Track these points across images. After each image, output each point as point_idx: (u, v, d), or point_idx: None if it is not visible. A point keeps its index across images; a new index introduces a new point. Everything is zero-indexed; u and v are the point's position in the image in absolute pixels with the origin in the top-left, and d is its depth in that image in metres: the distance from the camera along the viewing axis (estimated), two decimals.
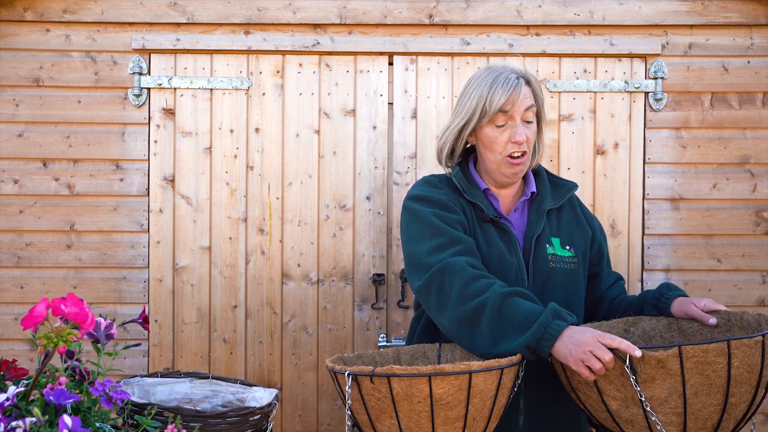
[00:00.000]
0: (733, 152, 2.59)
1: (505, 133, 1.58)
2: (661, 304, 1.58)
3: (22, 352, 2.53)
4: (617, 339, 1.27)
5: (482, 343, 1.42)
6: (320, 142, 2.59)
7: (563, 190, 1.70)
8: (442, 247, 1.51)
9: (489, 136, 1.60)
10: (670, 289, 1.60)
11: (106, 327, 1.26)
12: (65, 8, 2.56)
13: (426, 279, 1.49)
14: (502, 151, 1.59)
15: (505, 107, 1.56)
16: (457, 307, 1.44)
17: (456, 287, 1.45)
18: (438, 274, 1.48)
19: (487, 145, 1.61)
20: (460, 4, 2.57)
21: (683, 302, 1.55)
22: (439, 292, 1.48)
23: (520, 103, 1.57)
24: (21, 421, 0.97)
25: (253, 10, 2.57)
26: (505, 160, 1.59)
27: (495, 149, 1.60)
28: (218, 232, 2.57)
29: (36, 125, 2.57)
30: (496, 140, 1.59)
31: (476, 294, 1.42)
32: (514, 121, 1.58)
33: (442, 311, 1.48)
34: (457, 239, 1.52)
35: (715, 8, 2.58)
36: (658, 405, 1.25)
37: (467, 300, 1.43)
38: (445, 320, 1.48)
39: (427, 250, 1.52)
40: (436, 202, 1.59)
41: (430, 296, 1.50)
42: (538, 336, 1.34)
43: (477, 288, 1.43)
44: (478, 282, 1.43)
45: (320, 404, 2.58)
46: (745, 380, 1.24)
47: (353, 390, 1.33)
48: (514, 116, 1.58)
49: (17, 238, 2.56)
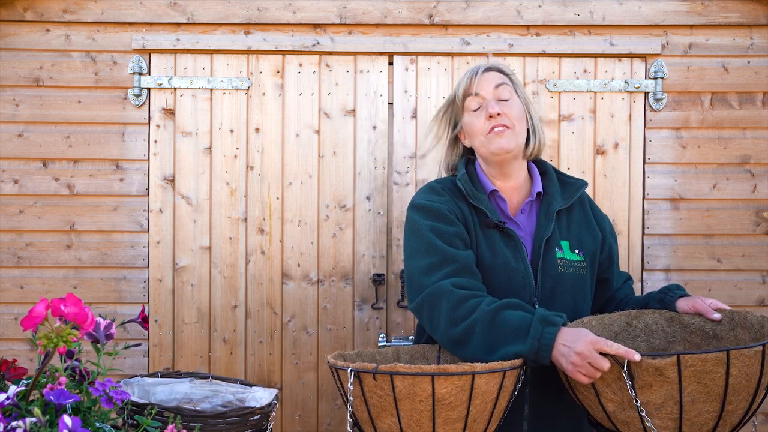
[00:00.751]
0: (733, 152, 2.59)
1: (481, 115, 1.61)
2: (666, 298, 1.58)
3: (22, 352, 2.53)
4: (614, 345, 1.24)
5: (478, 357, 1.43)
6: (320, 142, 2.59)
7: (572, 189, 1.67)
8: (435, 267, 1.51)
9: (468, 123, 1.64)
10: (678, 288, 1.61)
11: (105, 327, 1.25)
12: (65, 8, 2.55)
13: (418, 302, 1.52)
14: (483, 131, 1.60)
15: (469, 90, 1.62)
16: (448, 330, 1.46)
17: (444, 310, 1.46)
18: (428, 297, 1.50)
19: (470, 133, 1.64)
20: (460, 4, 2.57)
21: (689, 298, 1.55)
22: (430, 315, 1.50)
23: (484, 82, 1.61)
24: (21, 421, 0.97)
25: (253, 10, 2.56)
26: (487, 137, 1.60)
27: (476, 132, 1.62)
28: (218, 232, 2.57)
29: (36, 125, 2.57)
30: (474, 123, 1.62)
31: (465, 316, 1.43)
32: (487, 100, 1.60)
33: (435, 333, 1.52)
34: (450, 258, 1.51)
35: (715, 8, 2.58)
36: (654, 410, 1.25)
37: (457, 323, 1.44)
38: (440, 340, 1.52)
39: (421, 269, 1.53)
40: (435, 213, 1.58)
41: (423, 319, 1.53)
42: (534, 350, 1.34)
43: (465, 310, 1.44)
44: (466, 303, 1.44)
45: (320, 404, 2.58)
46: (742, 388, 1.23)
47: (355, 387, 1.33)
48: (484, 95, 1.61)
49: (17, 238, 2.56)
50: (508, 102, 1.60)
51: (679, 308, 1.55)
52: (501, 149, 1.58)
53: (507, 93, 1.61)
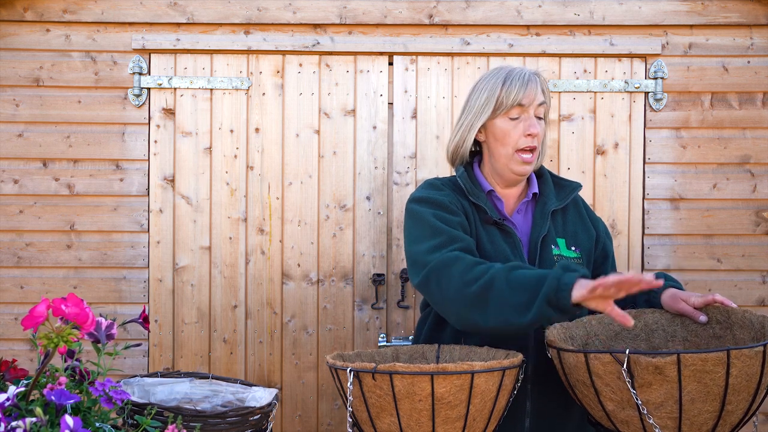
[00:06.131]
0: (733, 152, 2.59)
1: (518, 126, 1.58)
2: (651, 298, 1.58)
3: (22, 352, 2.53)
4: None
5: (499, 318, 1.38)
6: (320, 142, 2.59)
7: (567, 191, 1.69)
8: (441, 245, 1.51)
9: (502, 128, 1.59)
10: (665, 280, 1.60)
11: (106, 327, 1.25)
12: (65, 8, 2.55)
13: (424, 274, 1.49)
14: (515, 145, 1.58)
15: (522, 100, 1.57)
16: (462, 291, 1.42)
17: (456, 274, 1.44)
18: (436, 267, 1.47)
19: (499, 138, 1.60)
20: (460, 4, 2.57)
21: (673, 298, 1.54)
22: (439, 283, 1.47)
23: (536, 97, 1.58)
24: (21, 421, 0.97)
25: (253, 10, 2.56)
26: (516, 155, 1.58)
27: (507, 142, 1.59)
28: (218, 232, 2.57)
29: (36, 125, 2.57)
30: (509, 133, 1.58)
31: (479, 276, 1.41)
32: (528, 114, 1.58)
33: (446, 300, 1.46)
34: (455, 238, 1.52)
35: (715, 8, 2.58)
36: (654, 409, 1.25)
37: (471, 283, 1.41)
38: (452, 308, 1.46)
39: (427, 249, 1.52)
40: (438, 203, 1.59)
41: (431, 290, 1.49)
42: (554, 288, 1.30)
43: (478, 271, 1.42)
44: (478, 267, 1.43)
45: (320, 404, 2.58)
46: (743, 388, 1.23)
47: (354, 387, 1.33)
48: (529, 109, 1.58)
49: (17, 238, 2.56)
50: (542, 122, 1.61)
51: (664, 305, 1.55)
52: (523, 173, 1.61)
53: (543, 112, 1.61)
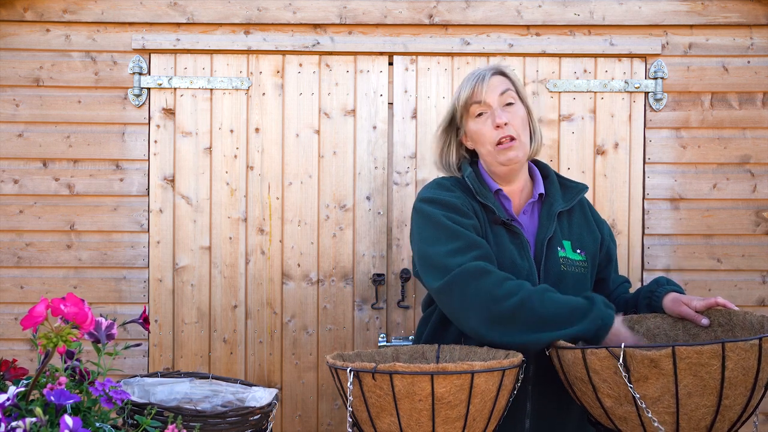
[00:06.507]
0: (733, 152, 2.59)
1: (486, 122, 1.61)
2: (653, 303, 1.58)
3: (22, 352, 2.53)
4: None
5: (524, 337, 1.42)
6: (320, 142, 2.59)
7: (573, 192, 1.69)
8: (462, 250, 1.50)
9: (473, 129, 1.64)
10: (659, 285, 1.60)
11: (106, 327, 1.25)
12: (65, 8, 2.55)
13: (447, 281, 1.48)
14: (491, 141, 1.60)
15: (475, 98, 1.61)
16: (490, 306, 1.43)
17: (485, 288, 1.43)
18: (460, 276, 1.46)
19: (476, 139, 1.64)
20: (460, 4, 2.57)
21: (675, 302, 1.54)
22: (463, 293, 1.46)
23: (489, 90, 1.60)
24: (21, 421, 0.97)
25: (253, 10, 2.56)
26: (496, 149, 1.60)
27: (484, 141, 1.62)
28: (218, 232, 2.57)
29: (36, 125, 2.57)
30: (481, 131, 1.62)
31: (511, 294, 1.42)
32: (491, 108, 1.60)
33: (467, 310, 1.46)
34: (475, 243, 1.51)
35: (715, 8, 2.58)
36: (651, 404, 1.25)
37: (501, 300, 1.42)
38: (473, 321, 1.46)
39: (446, 252, 1.50)
40: (450, 205, 1.58)
41: (453, 298, 1.48)
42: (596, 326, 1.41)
43: (510, 288, 1.43)
44: (508, 282, 1.44)
45: (320, 404, 2.58)
46: (739, 383, 1.23)
47: (354, 387, 1.33)
48: (490, 103, 1.60)
49: (17, 238, 2.56)
50: (513, 107, 1.61)
51: (667, 312, 1.56)
52: (510, 161, 1.61)
53: (511, 98, 1.62)
